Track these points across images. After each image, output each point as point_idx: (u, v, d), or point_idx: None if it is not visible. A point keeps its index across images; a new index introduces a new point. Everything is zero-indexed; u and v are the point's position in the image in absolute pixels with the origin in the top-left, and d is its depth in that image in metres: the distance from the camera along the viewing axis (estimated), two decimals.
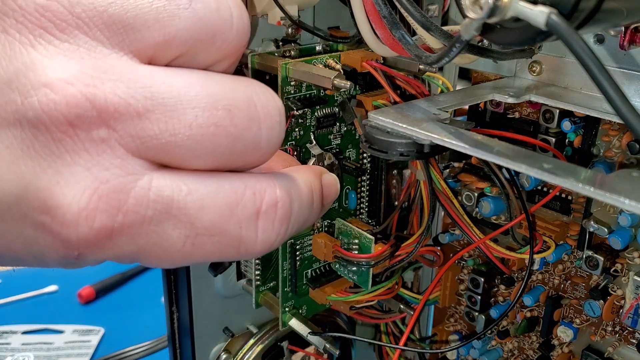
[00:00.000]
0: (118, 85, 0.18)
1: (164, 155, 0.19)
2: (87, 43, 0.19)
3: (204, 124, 0.19)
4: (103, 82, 0.18)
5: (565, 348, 0.40)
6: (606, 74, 0.19)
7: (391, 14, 0.30)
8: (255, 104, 0.20)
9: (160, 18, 0.19)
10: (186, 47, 0.20)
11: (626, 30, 0.30)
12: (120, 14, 0.19)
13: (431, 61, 0.27)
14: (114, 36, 0.19)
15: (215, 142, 0.20)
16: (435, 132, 0.28)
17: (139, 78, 0.19)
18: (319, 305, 0.41)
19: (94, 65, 0.18)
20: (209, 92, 0.20)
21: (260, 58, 0.35)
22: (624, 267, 0.35)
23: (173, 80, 0.19)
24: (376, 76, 0.36)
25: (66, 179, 0.18)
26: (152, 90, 0.19)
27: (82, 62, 0.18)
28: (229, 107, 0.20)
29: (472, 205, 0.40)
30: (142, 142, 0.19)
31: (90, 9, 0.18)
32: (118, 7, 0.19)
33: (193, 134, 0.19)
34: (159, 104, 0.19)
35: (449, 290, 0.44)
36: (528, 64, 0.36)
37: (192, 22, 0.20)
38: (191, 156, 0.19)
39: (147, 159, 0.19)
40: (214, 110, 0.19)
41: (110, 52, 0.19)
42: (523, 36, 0.22)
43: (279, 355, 0.42)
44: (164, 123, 0.19)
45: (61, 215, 0.18)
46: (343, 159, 0.38)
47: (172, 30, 0.19)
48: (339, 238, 0.38)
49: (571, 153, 0.36)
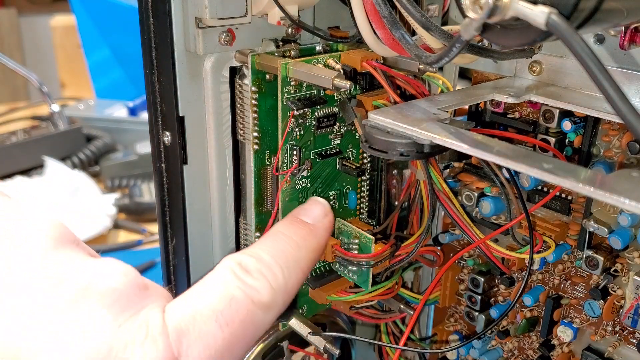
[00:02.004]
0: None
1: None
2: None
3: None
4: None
5: (565, 348, 0.40)
6: (606, 74, 0.19)
7: (391, 14, 0.30)
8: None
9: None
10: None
11: (626, 30, 0.30)
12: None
13: (431, 61, 0.27)
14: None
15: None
16: (435, 132, 0.28)
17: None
18: (319, 305, 0.41)
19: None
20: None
21: (260, 58, 0.35)
22: (624, 267, 0.35)
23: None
24: (376, 76, 0.36)
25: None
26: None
27: None
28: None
29: (472, 205, 0.40)
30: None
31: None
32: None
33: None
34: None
35: (449, 290, 0.44)
36: (528, 64, 0.36)
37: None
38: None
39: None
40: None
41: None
42: (523, 36, 0.22)
43: (279, 355, 0.42)
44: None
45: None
46: (343, 159, 0.38)
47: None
48: (339, 238, 0.38)
49: (571, 153, 0.36)
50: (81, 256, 0.27)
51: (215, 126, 0.37)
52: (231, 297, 0.28)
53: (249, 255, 0.31)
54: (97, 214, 0.81)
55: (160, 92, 0.36)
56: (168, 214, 0.39)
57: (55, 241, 0.26)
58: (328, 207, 0.36)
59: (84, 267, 0.26)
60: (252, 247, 0.32)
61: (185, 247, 0.39)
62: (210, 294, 0.28)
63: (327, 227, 0.36)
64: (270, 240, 0.32)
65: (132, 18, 0.48)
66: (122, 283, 0.26)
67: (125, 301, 0.26)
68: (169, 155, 0.37)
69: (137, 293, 0.26)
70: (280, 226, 0.34)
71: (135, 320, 0.25)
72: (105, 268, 0.26)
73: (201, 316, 0.27)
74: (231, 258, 0.30)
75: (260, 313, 0.29)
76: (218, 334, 0.27)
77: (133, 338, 0.25)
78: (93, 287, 0.25)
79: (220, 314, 0.27)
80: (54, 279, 0.25)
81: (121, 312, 0.25)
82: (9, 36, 2.26)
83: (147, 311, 0.26)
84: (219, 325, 0.27)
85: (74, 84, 1.69)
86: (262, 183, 0.38)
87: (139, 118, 1.12)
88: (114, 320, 0.25)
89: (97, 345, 0.24)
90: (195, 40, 0.34)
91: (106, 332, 0.24)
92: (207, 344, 0.26)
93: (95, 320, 0.24)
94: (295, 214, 0.35)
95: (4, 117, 1.21)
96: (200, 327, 0.27)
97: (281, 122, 0.35)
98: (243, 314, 0.28)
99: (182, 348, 0.26)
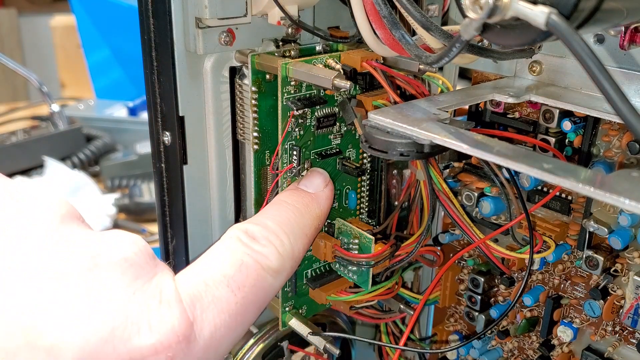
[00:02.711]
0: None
1: None
2: None
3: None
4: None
5: (565, 348, 0.40)
6: (606, 74, 0.19)
7: (391, 14, 0.30)
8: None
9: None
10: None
11: (626, 30, 0.30)
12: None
13: (431, 61, 0.27)
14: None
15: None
16: (435, 132, 0.28)
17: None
18: (319, 305, 0.41)
19: None
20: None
21: (260, 58, 0.35)
22: (624, 267, 0.35)
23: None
24: (376, 76, 0.36)
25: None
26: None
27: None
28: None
29: (472, 205, 0.40)
30: None
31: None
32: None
33: None
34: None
35: (449, 290, 0.44)
36: (528, 64, 0.36)
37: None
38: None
39: None
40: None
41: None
42: (523, 36, 0.22)
43: (279, 355, 0.42)
44: None
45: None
46: (343, 159, 0.38)
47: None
48: (339, 238, 0.38)
49: (571, 153, 0.36)
50: (88, 230, 0.27)
51: (215, 126, 0.37)
52: (241, 263, 0.28)
53: (255, 223, 0.31)
54: (97, 214, 0.81)
55: (160, 92, 0.36)
56: (168, 214, 0.39)
57: (62, 216, 0.26)
58: (328, 177, 0.37)
59: (93, 238, 0.26)
60: (256, 216, 0.32)
61: (185, 247, 0.39)
62: (219, 260, 0.28)
63: (328, 196, 0.36)
64: (273, 209, 0.33)
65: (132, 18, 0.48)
66: (132, 251, 0.26)
67: (138, 269, 0.26)
68: (169, 155, 0.37)
69: (148, 261, 0.26)
70: (282, 196, 0.34)
71: (148, 286, 0.25)
72: (115, 238, 0.26)
73: (213, 282, 0.27)
74: (237, 227, 0.31)
75: (269, 278, 0.29)
76: (231, 298, 0.27)
77: (148, 304, 0.25)
78: (104, 257, 0.25)
79: (231, 279, 0.28)
80: (65, 252, 0.25)
81: (134, 279, 0.25)
82: (9, 36, 2.26)
83: (158, 278, 0.26)
84: (231, 289, 0.27)
85: (74, 84, 1.69)
86: (262, 183, 0.38)
87: (139, 118, 1.12)
88: (127, 287, 0.25)
89: (113, 312, 0.24)
90: (195, 40, 0.34)
91: (121, 300, 0.24)
92: (221, 308, 0.27)
93: (109, 289, 0.24)
94: (296, 184, 0.36)
95: (4, 117, 1.21)
96: (213, 292, 0.27)
97: (281, 122, 0.35)
98: (253, 278, 0.28)
99: (196, 313, 0.26)
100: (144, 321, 0.24)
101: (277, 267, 0.30)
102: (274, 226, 0.31)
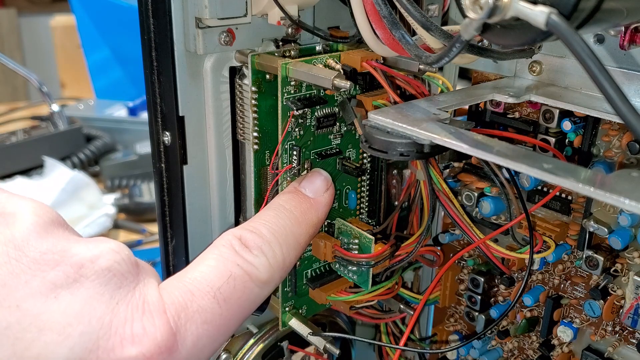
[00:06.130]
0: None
1: None
2: None
3: None
4: None
5: (565, 348, 0.40)
6: (606, 74, 0.19)
7: (391, 14, 0.30)
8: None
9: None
10: None
11: (626, 30, 0.30)
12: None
13: (431, 61, 0.27)
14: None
15: None
16: (435, 132, 0.28)
17: None
18: (319, 305, 0.41)
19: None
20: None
21: (260, 58, 0.35)
22: (624, 267, 0.35)
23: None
24: (376, 76, 0.36)
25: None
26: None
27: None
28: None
29: (472, 205, 0.40)
30: None
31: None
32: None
33: None
34: None
35: (449, 290, 0.44)
36: (528, 64, 0.36)
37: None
38: None
39: None
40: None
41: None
42: (523, 36, 0.22)
43: (279, 355, 0.42)
44: None
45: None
46: (343, 159, 0.38)
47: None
48: (339, 238, 0.38)
49: (571, 153, 0.36)
50: (72, 238, 0.27)
51: (215, 126, 0.37)
52: (229, 275, 0.28)
53: (250, 230, 0.31)
54: (97, 214, 0.81)
55: (160, 92, 0.36)
56: (168, 214, 0.39)
57: (44, 225, 0.26)
58: (330, 181, 0.36)
59: (76, 248, 0.26)
60: (253, 221, 0.32)
61: (185, 247, 0.39)
62: (208, 270, 0.28)
63: (327, 202, 0.36)
64: (271, 215, 0.33)
65: (132, 18, 0.48)
66: (115, 261, 0.26)
67: (121, 278, 0.26)
68: (169, 155, 0.37)
69: (131, 270, 0.27)
70: (281, 199, 0.34)
71: (132, 296, 0.26)
72: (97, 247, 0.26)
73: (199, 292, 0.27)
74: (232, 233, 0.31)
75: (256, 289, 0.29)
76: (216, 310, 0.27)
77: (132, 314, 0.25)
78: (87, 268, 0.25)
79: (218, 290, 0.28)
80: (49, 263, 0.25)
81: (117, 289, 0.25)
82: (9, 36, 2.26)
83: (142, 286, 0.26)
84: (217, 301, 0.27)
85: (74, 84, 1.70)
86: (262, 183, 0.38)
87: (139, 118, 1.12)
88: (111, 299, 0.25)
89: (97, 323, 0.24)
90: (195, 40, 0.34)
91: (105, 311, 0.25)
92: (205, 319, 0.27)
93: (92, 300, 0.25)
94: (296, 185, 0.35)
95: (4, 117, 1.21)
96: (199, 302, 0.27)
97: (281, 122, 0.35)
98: (240, 290, 0.28)
99: (180, 322, 0.26)
100: (127, 332, 0.25)
101: (266, 278, 0.30)
102: (269, 235, 0.31)
